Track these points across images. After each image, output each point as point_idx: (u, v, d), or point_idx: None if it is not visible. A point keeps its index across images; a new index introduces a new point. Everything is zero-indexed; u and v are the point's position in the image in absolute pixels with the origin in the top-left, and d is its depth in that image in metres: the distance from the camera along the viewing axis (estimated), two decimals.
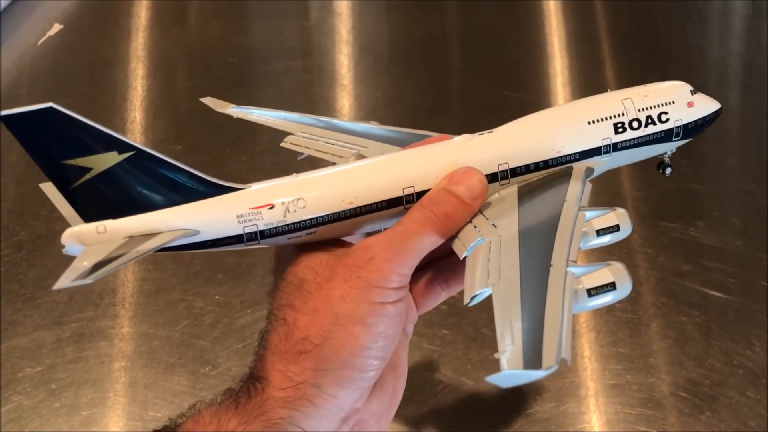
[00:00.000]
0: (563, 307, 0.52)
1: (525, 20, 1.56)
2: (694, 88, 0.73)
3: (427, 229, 0.59)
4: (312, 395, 0.56)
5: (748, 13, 1.57)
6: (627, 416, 0.94)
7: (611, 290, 0.57)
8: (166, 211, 0.59)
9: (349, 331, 0.56)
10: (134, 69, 1.48)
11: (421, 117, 1.36)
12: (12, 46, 1.53)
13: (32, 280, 1.11)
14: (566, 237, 0.58)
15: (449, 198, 0.61)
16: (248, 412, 0.55)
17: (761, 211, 1.17)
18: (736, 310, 1.04)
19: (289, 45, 1.54)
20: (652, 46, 1.49)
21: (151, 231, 0.58)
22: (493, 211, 0.62)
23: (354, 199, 0.62)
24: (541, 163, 0.66)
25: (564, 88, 1.40)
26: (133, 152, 0.57)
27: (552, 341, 0.49)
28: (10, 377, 1.00)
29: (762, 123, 1.33)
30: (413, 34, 1.54)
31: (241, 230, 0.60)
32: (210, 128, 1.33)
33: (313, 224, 0.61)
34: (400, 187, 0.62)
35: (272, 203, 0.61)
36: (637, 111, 0.69)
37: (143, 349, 1.03)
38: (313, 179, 0.63)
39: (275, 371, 0.57)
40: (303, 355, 0.56)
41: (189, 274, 1.12)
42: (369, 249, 0.58)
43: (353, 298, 0.56)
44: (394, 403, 0.63)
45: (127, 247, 0.57)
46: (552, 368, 0.47)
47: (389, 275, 0.57)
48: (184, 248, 0.60)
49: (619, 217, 0.63)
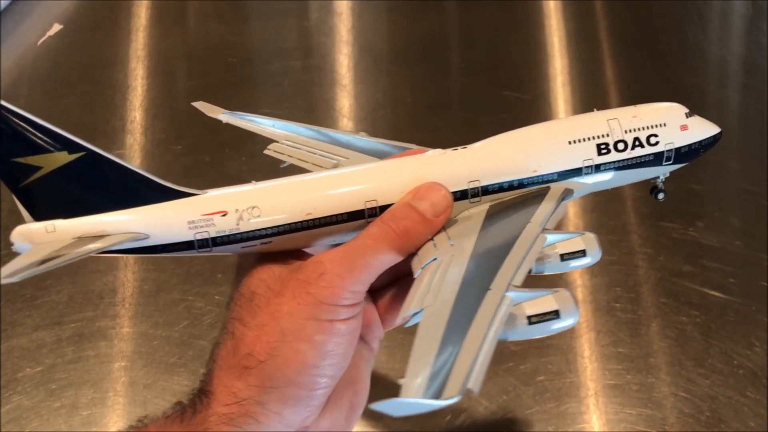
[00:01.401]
0: (487, 334, 0.48)
1: (525, 20, 1.56)
2: (689, 111, 0.69)
3: (383, 245, 0.57)
4: (256, 413, 0.54)
5: (748, 13, 1.57)
6: (627, 416, 0.94)
7: (554, 318, 0.54)
8: (117, 213, 0.58)
9: (295, 349, 0.54)
10: (134, 69, 1.48)
11: (421, 117, 1.36)
12: (12, 46, 1.53)
13: (32, 280, 1.10)
14: (516, 260, 0.55)
15: (411, 213, 0.58)
16: (192, 426, 0.54)
17: (761, 211, 1.17)
18: (736, 310, 1.04)
19: (289, 45, 1.54)
20: (652, 46, 1.49)
21: (100, 233, 0.58)
22: (456, 230, 0.60)
23: (312, 210, 0.60)
24: (516, 182, 0.63)
25: (564, 88, 1.40)
26: (83, 153, 0.56)
27: (461, 371, 0.46)
28: (10, 377, 1.00)
29: (762, 123, 1.33)
30: (413, 34, 1.54)
31: (191, 236, 0.59)
32: (210, 128, 1.32)
33: (268, 234, 0.60)
34: (363, 200, 0.61)
35: (225, 210, 0.59)
36: (624, 132, 0.66)
37: (143, 349, 1.03)
38: (271, 188, 0.62)
39: (221, 386, 0.56)
40: (248, 371, 0.55)
41: (189, 274, 1.12)
42: (320, 264, 0.56)
43: (301, 315, 0.54)
44: (351, 418, 0.61)
45: (73, 248, 0.56)
46: (453, 399, 0.44)
47: (340, 292, 0.55)
48: (134, 252, 0.60)
49: (587, 242, 0.61)
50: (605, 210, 1.18)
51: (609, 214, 1.17)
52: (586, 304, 1.06)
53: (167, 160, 1.29)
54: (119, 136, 1.34)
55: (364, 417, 0.94)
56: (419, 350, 0.48)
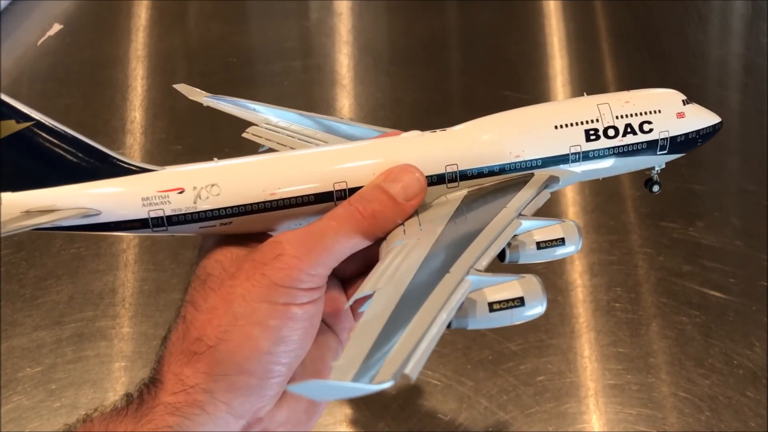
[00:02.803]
0: (437, 316, 0.44)
1: (525, 20, 1.56)
2: (687, 98, 0.66)
3: (347, 227, 0.53)
4: (203, 402, 0.51)
5: (748, 13, 1.57)
6: (627, 416, 0.94)
7: (519, 306, 0.49)
8: (69, 187, 0.55)
9: (247, 333, 0.50)
10: (134, 69, 1.48)
11: (421, 117, 1.36)
12: (12, 46, 1.53)
13: (32, 280, 1.11)
14: (484, 243, 0.51)
15: (380, 196, 0.55)
16: (138, 418, 0.51)
17: (761, 211, 1.17)
18: (736, 310, 1.04)
19: (289, 45, 1.54)
20: (652, 46, 1.49)
21: (49, 207, 0.55)
22: (429, 215, 0.57)
23: (276, 190, 0.56)
24: (497, 168, 0.59)
25: (564, 88, 1.40)
26: (32, 122, 0.54)
27: (400, 354, 0.41)
28: (10, 377, 1.00)
29: (762, 123, 1.33)
30: (413, 34, 1.54)
31: (145, 214, 0.56)
32: (210, 128, 1.33)
33: (227, 214, 0.56)
34: (331, 181, 0.57)
35: (182, 188, 0.57)
36: (615, 118, 0.62)
37: (143, 349, 1.03)
38: (234, 165, 0.58)
39: (170, 374, 0.52)
40: (197, 357, 0.51)
41: (189, 274, 1.11)
42: (278, 245, 0.52)
43: (255, 298, 0.51)
44: (313, 412, 0.57)
45: (19, 221, 0.54)
46: (385, 384, 0.39)
47: (297, 275, 0.51)
48: (85, 229, 0.57)
49: (566, 230, 0.56)
50: (605, 210, 1.18)
51: (609, 214, 1.17)
52: (586, 304, 1.06)
53: (167, 160, 1.29)
54: (119, 136, 1.34)
55: (363, 418, 0.94)
56: (359, 333, 0.44)
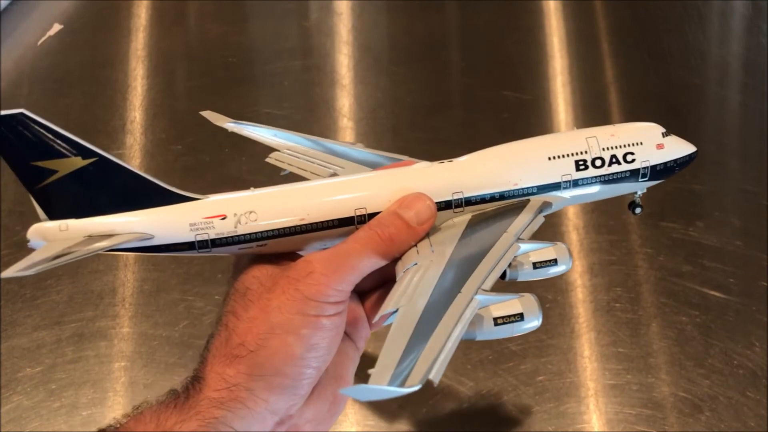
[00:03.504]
0: (452, 331, 0.53)
1: (525, 20, 1.56)
2: (666, 131, 0.73)
3: (368, 249, 0.61)
4: (245, 398, 0.58)
5: (748, 13, 1.57)
6: (627, 416, 0.94)
7: (519, 321, 0.59)
8: (125, 215, 0.63)
9: (283, 341, 0.58)
10: (134, 69, 1.48)
11: (421, 117, 1.36)
12: (12, 46, 1.53)
13: (32, 280, 1.11)
14: (488, 266, 0.59)
15: (396, 221, 0.63)
16: (185, 411, 0.58)
17: (761, 211, 1.17)
18: (736, 310, 1.04)
19: (289, 45, 1.53)
20: (652, 46, 1.49)
21: (108, 232, 0.62)
22: (439, 237, 0.65)
23: (306, 215, 0.64)
24: (497, 194, 0.68)
25: (564, 88, 1.40)
26: (96, 158, 0.61)
27: (425, 364, 0.51)
28: (10, 377, 1.00)
29: (762, 123, 1.33)
30: (413, 34, 1.54)
31: (192, 237, 0.64)
32: (210, 128, 1.32)
33: (263, 237, 0.64)
34: (353, 207, 0.65)
35: (224, 214, 0.64)
36: (601, 150, 0.70)
37: (143, 349, 1.03)
38: (268, 194, 0.66)
39: (213, 373, 0.59)
40: (238, 360, 0.59)
41: (189, 274, 1.12)
42: (309, 264, 0.60)
43: (289, 310, 0.58)
44: (334, 411, 0.65)
45: (84, 245, 0.61)
46: (415, 387, 0.49)
47: (326, 290, 0.59)
48: (138, 250, 0.64)
49: (558, 252, 0.65)
50: (605, 210, 1.18)
51: (609, 214, 1.17)
52: (586, 304, 1.06)
53: (167, 160, 1.29)
54: (119, 136, 1.34)
55: (362, 418, 0.94)
56: (390, 345, 0.53)
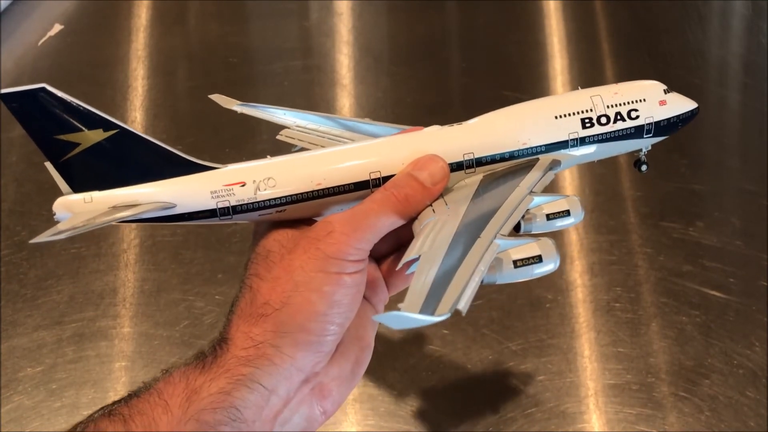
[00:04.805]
0: (476, 268, 0.56)
1: (525, 20, 1.56)
2: (668, 88, 0.75)
3: (386, 208, 0.63)
4: (271, 354, 0.59)
5: (748, 13, 1.57)
6: (627, 416, 0.94)
7: (537, 263, 0.61)
8: (147, 185, 0.65)
9: (306, 298, 0.60)
10: (134, 69, 1.48)
11: (422, 117, 1.35)
12: (12, 46, 1.53)
13: (32, 280, 1.11)
14: (504, 215, 0.62)
15: (411, 182, 0.64)
16: (214, 370, 0.59)
17: (761, 211, 1.17)
18: (736, 310, 1.04)
19: (289, 45, 1.54)
20: (652, 46, 1.49)
21: (132, 203, 0.64)
22: (452, 196, 0.66)
23: (322, 180, 0.66)
24: (507, 154, 0.69)
25: (564, 88, 1.40)
26: (117, 130, 0.63)
27: (453, 294, 0.53)
28: (10, 377, 1.00)
29: (762, 123, 1.33)
30: (413, 34, 1.54)
31: (214, 205, 0.65)
32: (210, 128, 1.33)
33: (282, 203, 0.66)
34: (367, 171, 0.67)
35: (244, 181, 0.66)
36: (606, 107, 0.71)
37: (143, 349, 1.03)
38: (285, 161, 0.68)
39: (239, 333, 0.61)
40: (264, 318, 0.60)
41: (189, 274, 1.12)
42: (329, 224, 0.62)
43: (311, 268, 0.60)
44: (357, 371, 0.67)
45: (108, 215, 0.63)
46: (444, 315, 0.51)
47: (346, 248, 0.60)
48: (162, 220, 0.66)
49: (570, 204, 0.66)
50: (605, 210, 1.18)
51: (609, 214, 1.18)
52: (586, 304, 1.06)
53: None
54: None
55: (362, 417, 0.94)
56: (416, 281, 0.55)
